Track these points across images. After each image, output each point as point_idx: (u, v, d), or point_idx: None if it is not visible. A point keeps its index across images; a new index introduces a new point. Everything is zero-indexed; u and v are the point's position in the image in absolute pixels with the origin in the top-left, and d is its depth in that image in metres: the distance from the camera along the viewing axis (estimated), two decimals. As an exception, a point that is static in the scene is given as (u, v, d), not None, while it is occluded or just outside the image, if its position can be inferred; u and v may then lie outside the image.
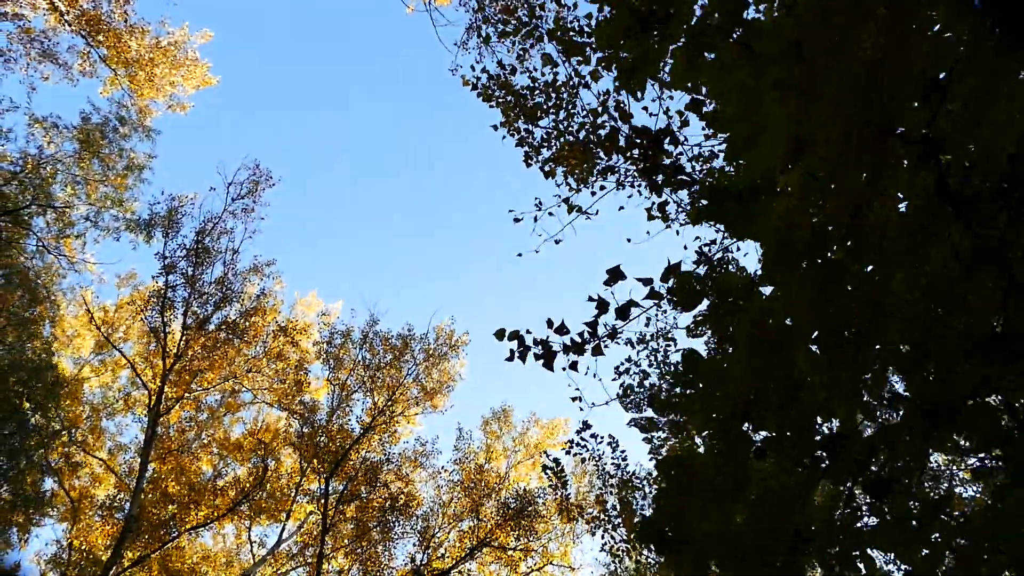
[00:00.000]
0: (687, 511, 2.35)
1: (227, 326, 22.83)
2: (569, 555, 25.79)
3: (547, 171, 9.36)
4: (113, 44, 22.97)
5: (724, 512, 2.34)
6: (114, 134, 19.74)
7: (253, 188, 22.79)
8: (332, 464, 21.37)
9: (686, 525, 2.35)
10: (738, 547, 2.35)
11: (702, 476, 2.33)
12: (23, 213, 18.24)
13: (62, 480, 24.83)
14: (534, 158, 9.66)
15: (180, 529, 21.71)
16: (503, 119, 10.21)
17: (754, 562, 2.40)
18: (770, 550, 2.44)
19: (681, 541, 2.33)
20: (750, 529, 2.35)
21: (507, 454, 28.73)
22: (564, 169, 9.39)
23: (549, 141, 9.30)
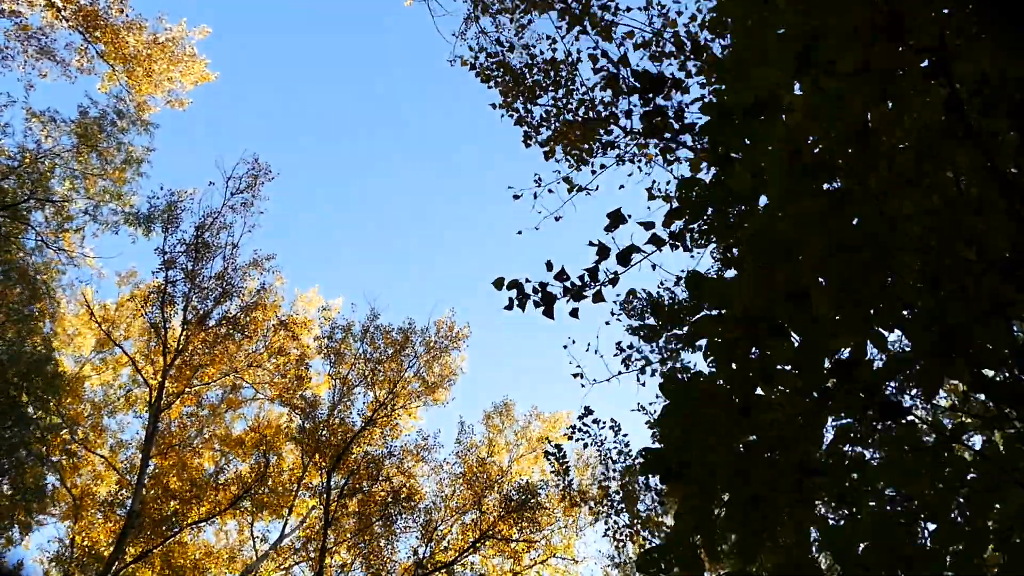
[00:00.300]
0: (693, 437, 2.27)
1: (227, 321, 22.76)
2: (572, 548, 25.72)
3: (547, 151, 9.29)
4: (110, 40, 22.89)
5: (731, 438, 2.26)
6: (112, 128, 19.68)
7: (252, 182, 22.74)
8: (334, 458, 21.29)
9: (692, 452, 2.27)
10: (745, 477, 2.27)
11: (708, 399, 2.25)
12: (22, 208, 18.17)
13: (64, 478, 24.79)
14: (533, 138, 9.58)
15: (182, 524, 21.64)
16: (502, 100, 10.14)
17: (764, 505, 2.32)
18: (777, 482, 2.36)
19: (684, 464, 2.25)
20: (756, 458, 2.27)
21: (509, 448, 28.65)
22: (564, 148, 9.31)
23: (548, 120, 9.22)
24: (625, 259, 3.19)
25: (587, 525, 26.37)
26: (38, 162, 18.61)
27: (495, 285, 3.49)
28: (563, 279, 3.29)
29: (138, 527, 20.48)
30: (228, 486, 23.37)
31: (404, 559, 22.59)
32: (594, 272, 3.27)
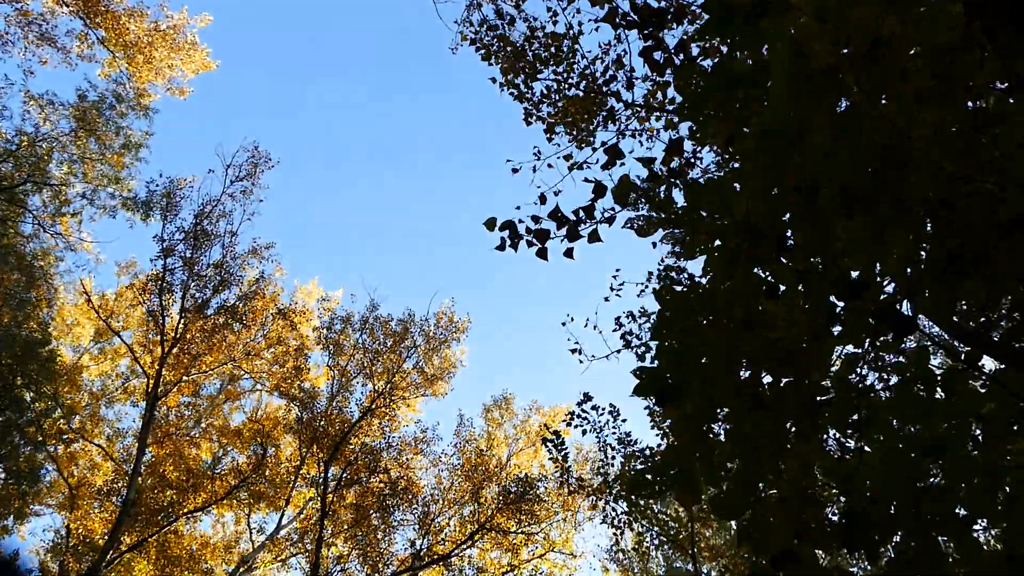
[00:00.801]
0: (690, 352, 2.12)
1: (226, 310, 22.60)
2: (571, 542, 25.58)
3: (548, 126, 9.14)
4: (111, 26, 22.78)
5: (732, 353, 2.10)
6: (111, 112, 19.53)
7: (252, 170, 22.58)
8: (331, 448, 21.15)
9: (689, 368, 2.12)
10: (750, 398, 2.12)
11: (707, 309, 2.09)
12: (19, 191, 18.03)
13: (61, 468, 24.67)
14: (534, 114, 9.43)
15: (178, 514, 21.49)
16: (503, 78, 9.99)
17: (766, 419, 2.17)
18: (782, 405, 2.21)
19: (681, 381, 2.09)
20: (759, 377, 2.11)
21: (508, 442, 28.51)
22: (565, 126, 9.16)
23: (549, 96, 9.08)
24: (622, 197, 3.04)
25: (585, 520, 26.28)
26: (36, 145, 18.47)
27: (487, 226, 3.34)
28: (558, 217, 3.14)
29: (134, 516, 20.33)
30: (225, 476, 23.24)
31: (401, 551, 22.46)
32: (590, 209, 3.11)
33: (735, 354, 2.09)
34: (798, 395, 2.21)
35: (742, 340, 2.08)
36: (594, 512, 26.98)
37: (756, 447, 2.14)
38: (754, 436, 2.14)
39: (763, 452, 2.15)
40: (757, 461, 2.15)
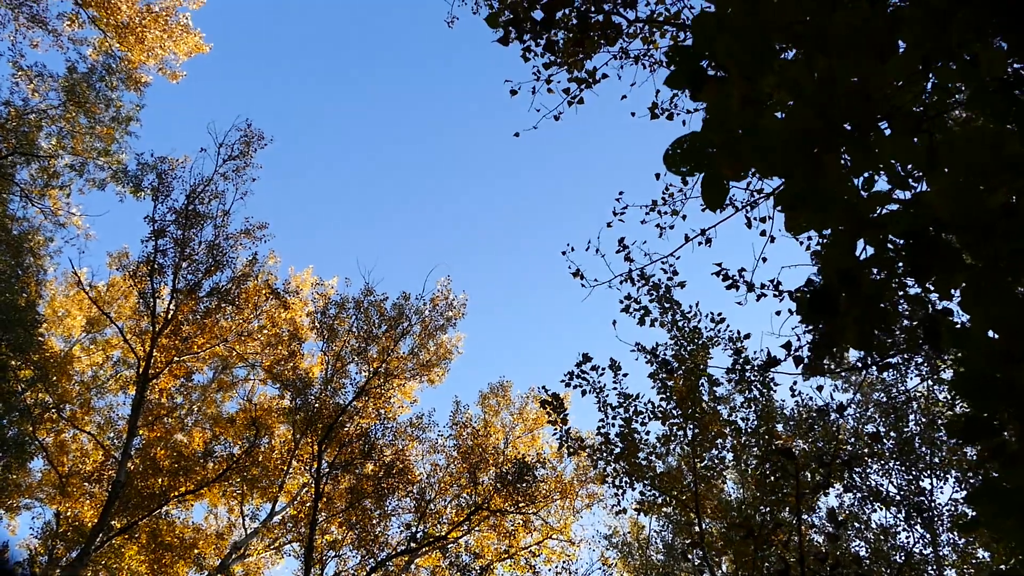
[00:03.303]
0: (731, 22, 1.79)
1: (218, 292, 22.23)
2: (569, 529, 25.26)
3: (548, 62, 8.82)
4: (102, 4, 22.50)
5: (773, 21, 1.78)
6: (101, 84, 19.20)
7: (245, 149, 22.23)
8: (325, 429, 20.77)
9: (731, 42, 1.80)
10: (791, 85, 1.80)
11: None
12: (6, 163, 17.69)
13: (51, 458, 24.28)
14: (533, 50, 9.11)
15: (169, 496, 21.10)
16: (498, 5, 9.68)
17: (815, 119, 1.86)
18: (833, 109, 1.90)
19: (720, 63, 1.77)
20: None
21: (505, 431, 28.18)
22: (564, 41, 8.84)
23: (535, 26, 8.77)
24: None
25: (584, 507, 25.97)
26: (24, 118, 18.13)
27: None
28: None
29: (124, 499, 19.96)
30: (218, 460, 22.89)
31: (396, 535, 22.09)
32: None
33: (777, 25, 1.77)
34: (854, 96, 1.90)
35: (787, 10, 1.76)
36: (592, 501, 26.75)
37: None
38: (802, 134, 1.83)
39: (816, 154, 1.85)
40: (806, 163, 1.84)
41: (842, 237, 2.00)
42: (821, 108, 1.82)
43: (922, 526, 14.79)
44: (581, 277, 8.86)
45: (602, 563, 25.91)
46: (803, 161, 1.82)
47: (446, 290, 24.21)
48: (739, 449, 11.86)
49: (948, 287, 2.01)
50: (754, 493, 15.24)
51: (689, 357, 11.95)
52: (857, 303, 1.95)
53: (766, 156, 1.81)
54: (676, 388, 11.73)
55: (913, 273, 2.02)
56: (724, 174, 1.86)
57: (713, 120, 1.83)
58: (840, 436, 12.79)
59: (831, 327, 1.98)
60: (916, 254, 2.00)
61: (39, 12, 21.99)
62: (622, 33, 7.14)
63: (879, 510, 16.03)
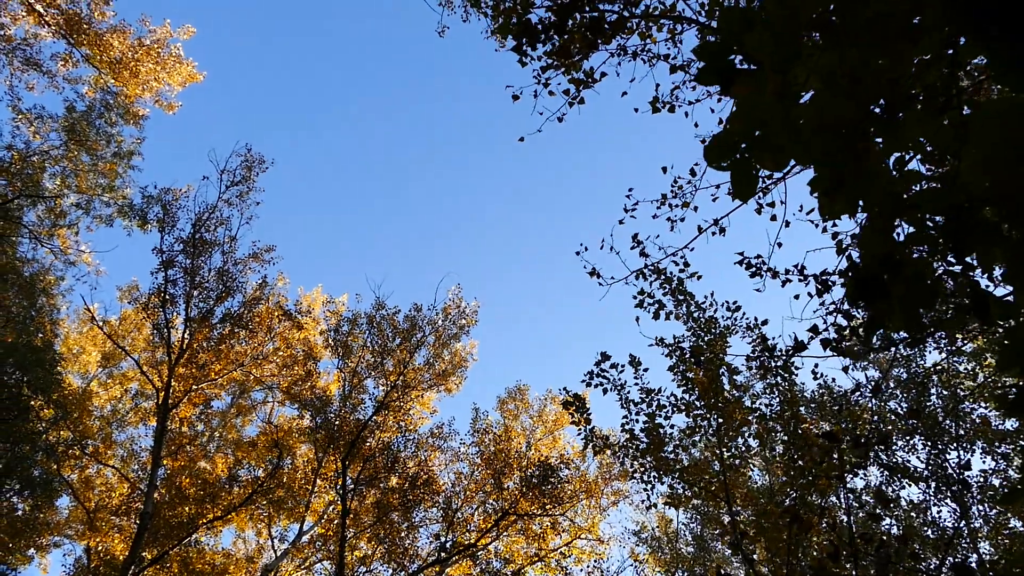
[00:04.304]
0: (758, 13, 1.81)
1: (231, 318, 22.34)
2: (597, 528, 25.22)
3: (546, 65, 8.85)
4: (95, 42, 22.63)
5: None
6: (100, 121, 19.33)
7: (246, 173, 22.34)
8: (347, 446, 20.83)
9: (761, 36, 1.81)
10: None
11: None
12: (13, 207, 17.80)
13: (77, 494, 24.42)
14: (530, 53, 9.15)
15: (198, 524, 21.17)
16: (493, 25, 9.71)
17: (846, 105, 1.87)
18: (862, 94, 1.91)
19: (750, 50, 1.79)
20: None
21: (526, 434, 28.16)
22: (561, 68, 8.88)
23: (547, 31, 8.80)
24: None
25: (610, 505, 25.93)
26: (27, 160, 18.25)
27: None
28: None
29: (153, 530, 20.04)
30: (243, 484, 22.96)
31: (426, 546, 22.13)
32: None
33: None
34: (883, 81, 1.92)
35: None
36: (618, 498, 26.74)
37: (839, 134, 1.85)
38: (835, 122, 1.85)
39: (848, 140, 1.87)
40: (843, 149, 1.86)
41: (880, 219, 2.02)
42: (853, 94, 1.84)
43: (952, 499, 14.73)
44: (598, 276, 8.88)
45: (632, 559, 25.92)
46: (842, 147, 1.84)
47: (457, 298, 24.27)
48: (764, 435, 11.84)
49: (989, 261, 2.03)
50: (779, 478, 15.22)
51: (707, 347, 11.94)
52: (902, 285, 1.96)
53: (804, 146, 1.83)
54: (697, 379, 11.72)
55: (952, 250, 2.03)
56: (766, 167, 1.88)
57: (746, 114, 1.85)
58: (864, 415, 12.75)
59: (878, 310, 2.00)
60: (954, 230, 2.02)
61: (33, 55, 22.14)
62: (624, 27, 7.15)
63: (908, 486, 15.98)
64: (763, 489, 13.83)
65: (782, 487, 13.35)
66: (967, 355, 14.79)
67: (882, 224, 2.03)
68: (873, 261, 1.97)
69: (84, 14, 22.16)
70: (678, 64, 8.70)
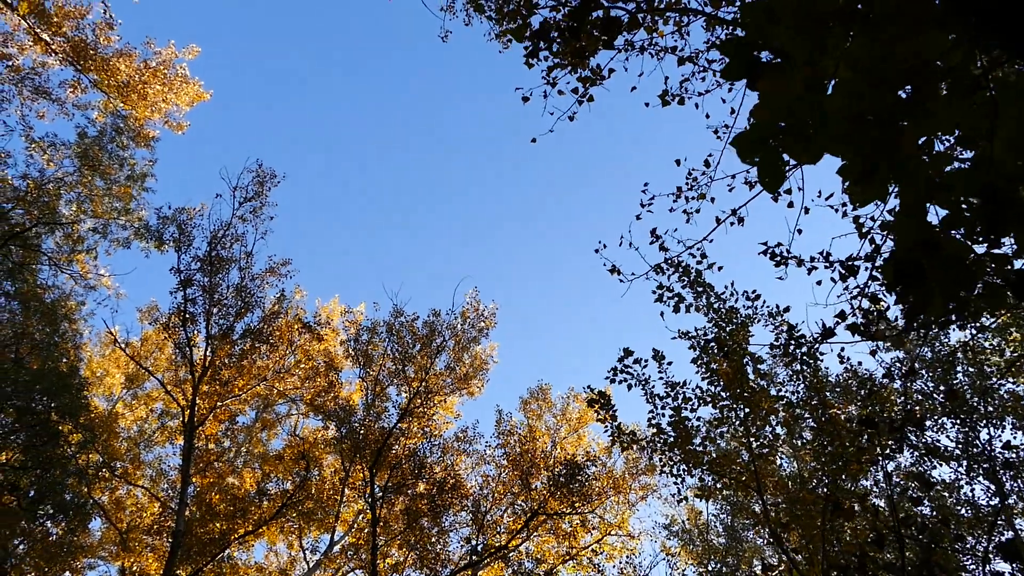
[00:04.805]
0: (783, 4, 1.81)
1: (251, 333, 22.48)
2: (627, 523, 25.16)
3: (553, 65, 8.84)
4: (102, 67, 22.80)
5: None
6: (112, 145, 19.50)
7: (259, 188, 22.47)
8: (374, 454, 20.91)
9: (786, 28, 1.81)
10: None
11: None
12: (31, 235, 17.99)
13: (108, 516, 24.66)
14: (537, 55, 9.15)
15: (229, 540, 21.30)
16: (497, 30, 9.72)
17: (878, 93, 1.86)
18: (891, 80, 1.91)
19: (777, 44, 1.79)
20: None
21: (550, 433, 28.14)
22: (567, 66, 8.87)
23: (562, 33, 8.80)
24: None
25: (639, 500, 25.86)
26: (42, 188, 18.44)
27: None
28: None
29: (185, 548, 20.18)
30: (272, 497, 23.09)
31: (457, 550, 22.18)
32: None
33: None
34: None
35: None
36: (646, 492, 26.69)
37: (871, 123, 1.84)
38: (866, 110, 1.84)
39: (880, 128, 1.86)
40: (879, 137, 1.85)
41: (914, 204, 2.01)
42: (882, 80, 1.83)
43: (985, 477, 14.61)
44: (618, 273, 8.87)
45: (664, 553, 25.86)
46: (877, 135, 1.84)
47: (475, 302, 24.30)
48: (791, 423, 11.79)
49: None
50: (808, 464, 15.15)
51: (729, 337, 11.91)
52: (940, 269, 1.96)
53: (838, 136, 1.83)
54: (721, 370, 11.69)
55: (988, 230, 2.02)
56: (800, 160, 1.88)
57: (776, 108, 1.85)
58: (891, 398, 12.66)
59: (919, 296, 1.99)
60: (988, 211, 2.01)
61: (41, 83, 22.34)
62: (639, 24, 7.13)
63: (939, 466, 15.86)
64: (793, 476, 13.76)
65: (811, 473, 13.29)
66: (992, 331, 14.66)
67: (916, 208, 2.02)
68: (910, 246, 1.96)
69: (90, 40, 22.33)
70: (686, 56, 8.69)
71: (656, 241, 8.61)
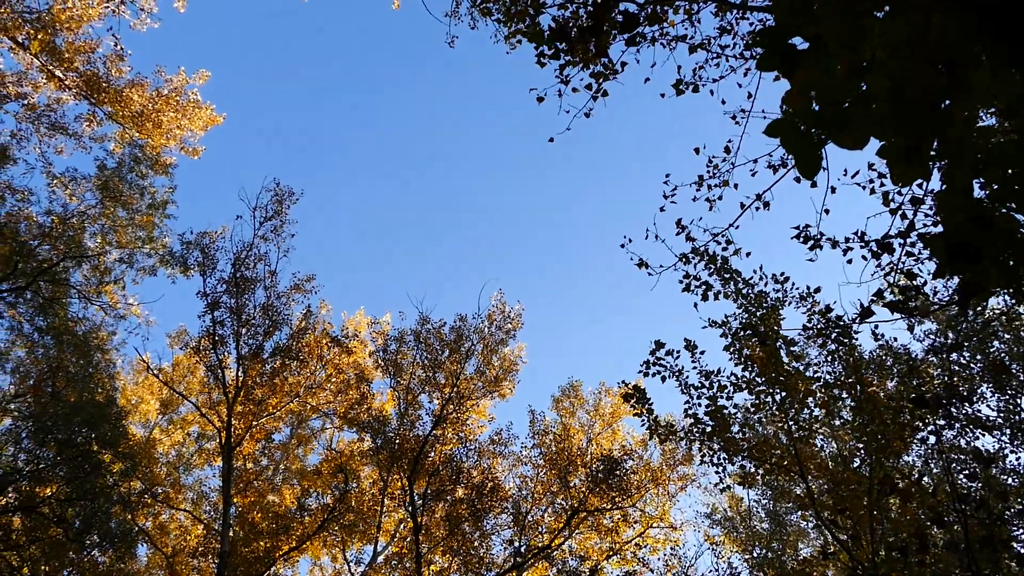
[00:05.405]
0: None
1: (280, 351, 22.65)
2: (668, 515, 25.06)
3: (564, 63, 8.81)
4: (115, 99, 23.03)
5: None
6: (131, 175, 19.74)
7: (278, 207, 22.65)
8: (411, 462, 20.99)
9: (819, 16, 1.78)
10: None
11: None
12: (59, 270, 18.24)
13: (154, 541, 24.95)
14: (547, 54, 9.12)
15: (274, 557, 21.47)
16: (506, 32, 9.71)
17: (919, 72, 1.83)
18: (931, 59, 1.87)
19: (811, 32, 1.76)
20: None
21: (584, 430, 28.10)
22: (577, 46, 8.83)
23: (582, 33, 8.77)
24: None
25: (678, 491, 25.72)
26: (66, 222, 18.69)
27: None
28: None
29: (231, 567, 20.36)
30: (313, 512, 23.25)
31: (500, 552, 22.21)
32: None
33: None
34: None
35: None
36: (685, 482, 26.55)
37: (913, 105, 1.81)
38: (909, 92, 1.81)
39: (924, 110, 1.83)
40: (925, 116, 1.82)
41: (962, 179, 1.97)
42: (923, 59, 1.80)
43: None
44: (646, 267, 8.83)
45: (708, 542, 25.71)
46: (924, 115, 1.81)
47: (501, 304, 24.30)
48: (830, 403, 11.67)
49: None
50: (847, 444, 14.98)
51: (761, 322, 11.81)
52: (996, 244, 1.92)
53: (883, 119, 1.80)
54: (755, 355, 11.60)
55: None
56: (845, 146, 1.85)
57: (816, 95, 1.82)
58: (928, 371, 12.52)
59: (975, 273, 1.95)
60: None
61: (58, 119, 22.61)
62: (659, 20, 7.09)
63: (981, 436, 15.63)
64: (834, 457, 13.63)
65: (852, 452, 13.15)
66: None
67: (964, 183, 1.98)
68: (963, 223, 1.92)
69: (102, 73, 22.56)
70: (696, 43, 8.63)
71: (682, 232, 8.56)
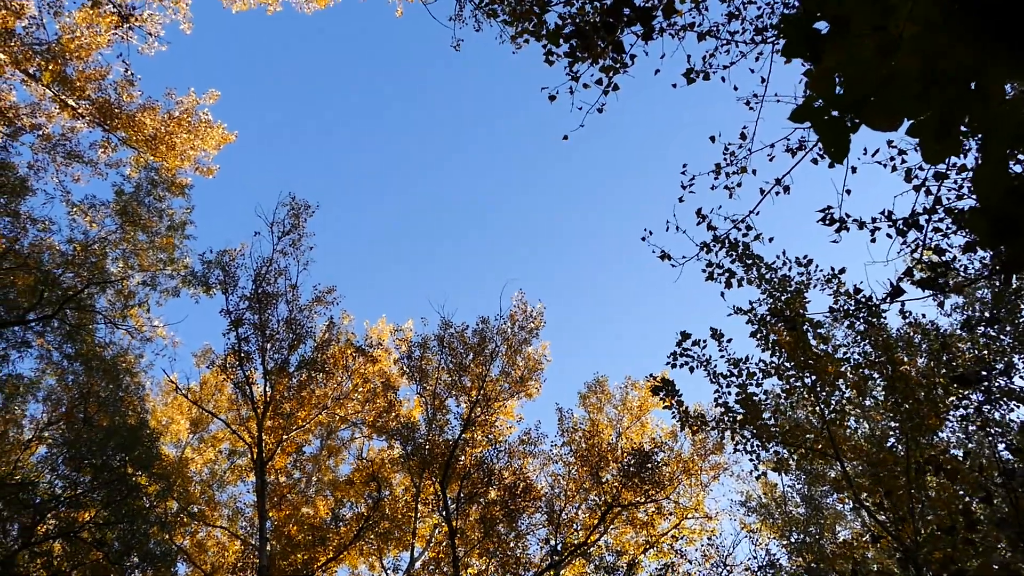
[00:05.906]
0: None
1: (306, 363, 22.76)
2: (703, 505, 24.97)
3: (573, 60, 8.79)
4: (128, 124, 23.23)
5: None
6: (149, 198, 19.93)
7: (295, 221, 22.78)
8: (443, 467, 21.04)
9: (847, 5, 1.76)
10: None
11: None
12: (84, 297, 18.44)
13: (192, 559, 25.16)
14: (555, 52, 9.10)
15: (312, 569, 21.61)
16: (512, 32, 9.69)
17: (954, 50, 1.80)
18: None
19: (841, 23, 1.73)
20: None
21: (613, 425, 28.04)
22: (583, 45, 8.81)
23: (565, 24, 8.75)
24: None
25: (711, 480, 25.60)
26: (88, 249, 18.89)
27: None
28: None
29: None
30: (349, 523, 23.37)
31: (537, 552, 22.22)
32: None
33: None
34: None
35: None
36: (717, 471, 26.44)
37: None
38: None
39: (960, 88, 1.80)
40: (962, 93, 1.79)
41: (996, 153, 1.94)
42: (954, 32, 1.77)
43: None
44: (669, 258, 8.79)
45: (744, 530, 25.56)
46: (961, 91, 1.78)
47: (522, 304, 24.29)
48: (861, 384, 11.57)
49: None
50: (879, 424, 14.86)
51: (786, 306, 11.73)
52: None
53: (917, 98, 1.77)
54: (782, 340, 11.53)
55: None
56: (879, 128, 1.83)
57: (848, 79, 1.80)
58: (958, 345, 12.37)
59: (1016, 248, 1.92)
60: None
61: (73, 148, 22.84)
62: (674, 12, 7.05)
63: (1016, 408, 15.42)
64: (868, 437, 13.50)
65: (884, 432, 13.03)
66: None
67: (1000, 156, 1.95)
68: (1003, 198, 1.90)
69: (113, 99, 22.76)
70: (704, 31, 8.59)
71: (702, 221, 8.51)
